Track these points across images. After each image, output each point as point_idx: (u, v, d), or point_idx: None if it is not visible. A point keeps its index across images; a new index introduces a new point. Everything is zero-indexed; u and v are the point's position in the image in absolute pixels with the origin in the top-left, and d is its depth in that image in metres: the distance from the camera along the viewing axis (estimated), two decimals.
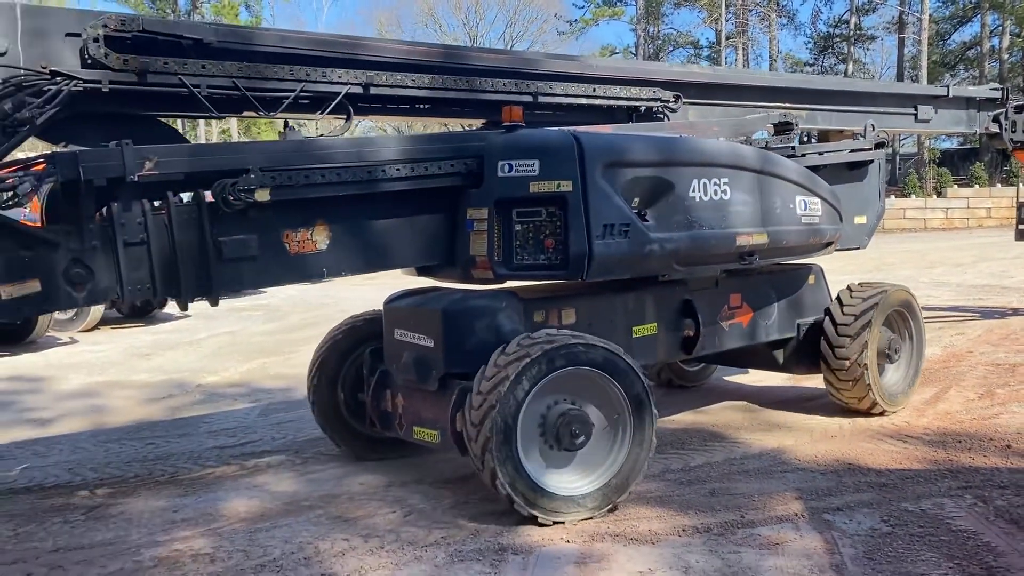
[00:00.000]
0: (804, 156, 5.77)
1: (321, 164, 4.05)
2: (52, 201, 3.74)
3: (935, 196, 32.33)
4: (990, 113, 8.02)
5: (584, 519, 4.00)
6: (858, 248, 6.24)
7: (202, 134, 33.50)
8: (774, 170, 5.08)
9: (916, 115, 7.23)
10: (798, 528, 3.86)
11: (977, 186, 32.02)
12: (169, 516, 4.31)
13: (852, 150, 6.15)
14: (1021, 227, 9.48)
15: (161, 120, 4.26)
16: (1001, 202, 29.49)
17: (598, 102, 5.27)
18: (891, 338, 5.81)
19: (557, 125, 4.86)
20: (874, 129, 6.23)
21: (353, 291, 14.41)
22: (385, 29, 43.99)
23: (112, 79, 3.77)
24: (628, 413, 4.15)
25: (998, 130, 8.10)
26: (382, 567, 3.57)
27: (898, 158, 40.19)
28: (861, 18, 45.49)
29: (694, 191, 4.59)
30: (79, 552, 3.86)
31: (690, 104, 5.70)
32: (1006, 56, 41.93)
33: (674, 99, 5.54)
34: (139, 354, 9.76)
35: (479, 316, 4.27)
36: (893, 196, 30.47)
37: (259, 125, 39.16)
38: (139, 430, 6.22)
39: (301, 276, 4.20)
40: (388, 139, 4.49)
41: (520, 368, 3.84)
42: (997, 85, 8.55)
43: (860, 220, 6.16)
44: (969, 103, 7.90)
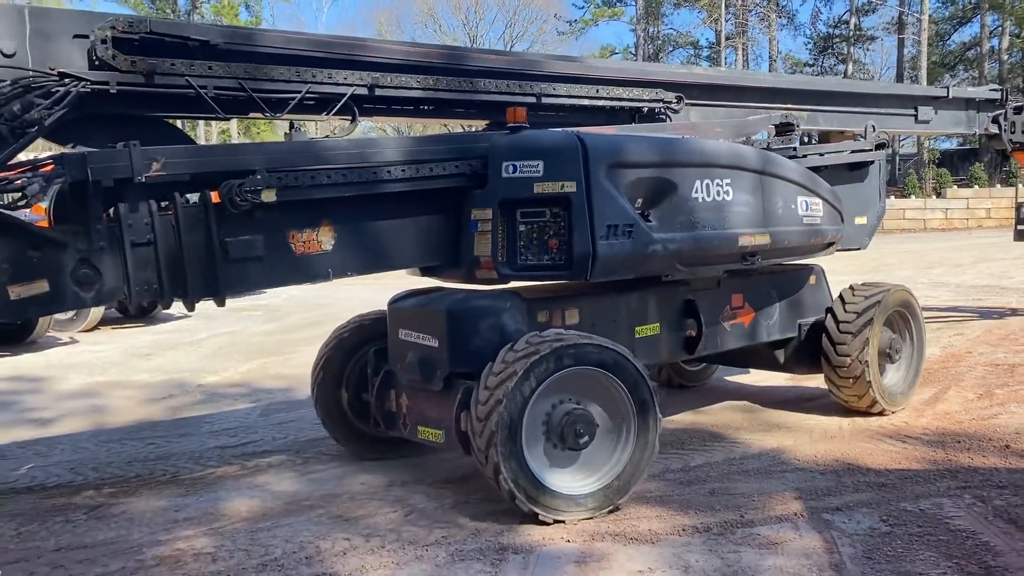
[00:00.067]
0: (805, 157, 5.79)
1: (327, 165, 4.07)
2: (60, 202, 3.77)
3: (934, 197, 32.35)
4: (989, 114, 8.04)
5: (584, 519, 4.01)
6: (859, 248, 6.26)
7: (202, 134, 33.46)
8: (776, 171, 5.10)
9: (916, 116, 7.24)
10: (797, 528, 3.88)
11: (976, 187, 32.02)
12: (171, 515, 4.32)
13: (853, 151, 6.18)
14: (1020, 227, 9.50)
15: (168, 121, 4.28)
16: (1000, 203, 29.51)
17: (601, 103, 5.29)
18: (892, 338, 5.84)
19: (560, 126, 4.88)
20: (875, 130, 6.26)
21: (353, 291, 14.39)
22: (385, 29, 43.95)
23: (120, 80, 3.78)
24: (633, 416, 4.16)
25: (997, 131, 8.12)
26: (383, 566, 3.58)
27: (898, 159, 40.18)
28: (861, 19, 45.54)
29: (697, 192, 4.61)
30: (81, 551, 3.88)
31: (692, 105, 5.71)
32: (1006, 57, 41.95)
33: (676, 100, 5.56)
34: (139, 354, 9.76)
35: (483, 316, 4.28)
36: (893, 196, 30.46)
37: (258, 126, 39.14)
38: (140, 430, 6.23)
39: (307, 276, 4.21)
40: (393, 140, 4.51)
41: (529, 364, 3.86)
42: (996, 86, 8.57)
43: (861, 221, 6.19)
44: (969, 104, 7.92)
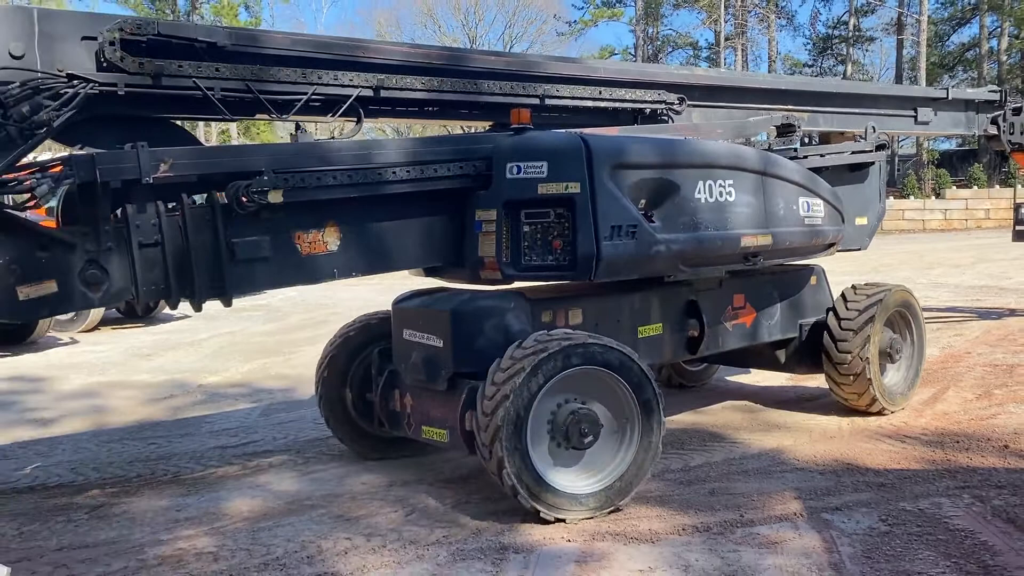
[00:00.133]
0: (806, 158, 5.82)
1: (333, 166, 4.10)
2: (68, 203, 3.79)
3: (934, 197, 32.37)
4: (989, 115, 8.07)
5: (585, 518, 4.02)
6: (859, 249, 6.28)
7: (201, 135, 33.45)
8: (777, 172, 5.12)
9: (916, 117, 7.26)
10: (797, 527, 3.90)
11: (975, 187, 32.04)
12: (172, 515, 4.34)
13: (853, 152, 6.21)
14: (1019, 228, 9.54)
15: (175, 123, 4.30)
16: (999, 203, 29.54)
17: (604, 104, 5.31)
18: (893, 338, 5.87)
19: (564, 127, 4.90)
20: (875, 131, 6.29)
21: (355, 292, 14.43)
22: (384, 30, 43.94)
23: (128, 82, 3.80)
24: (637, 417, 4.18)
25: (996, 132, 8.14)
26: (384, 566, 3.60)
27: (897, 159, 40.21)
28: (860, 19, 45.54)
29: (699, 193, 4.63)
30: (83, 551, 3.89)
31: (694, 106, 5.73)
32: (1005, 58, 41.98)
33: (678, 101, 5.58)
34: (140, 354, 9.76)
35: (488, 316, 4.31)
36: (892, 197, 30.47)
37: (258, 127, 39.08)
38: (141, 430, 6.24)
39: (312, 277, 4.23)
40: (398, 141, 4.53)
41: (537, 361, 3.88)
42: (996, 87, 8.58)
43: (861, 221, 6.22)
44: (968, 105, 7.94)
